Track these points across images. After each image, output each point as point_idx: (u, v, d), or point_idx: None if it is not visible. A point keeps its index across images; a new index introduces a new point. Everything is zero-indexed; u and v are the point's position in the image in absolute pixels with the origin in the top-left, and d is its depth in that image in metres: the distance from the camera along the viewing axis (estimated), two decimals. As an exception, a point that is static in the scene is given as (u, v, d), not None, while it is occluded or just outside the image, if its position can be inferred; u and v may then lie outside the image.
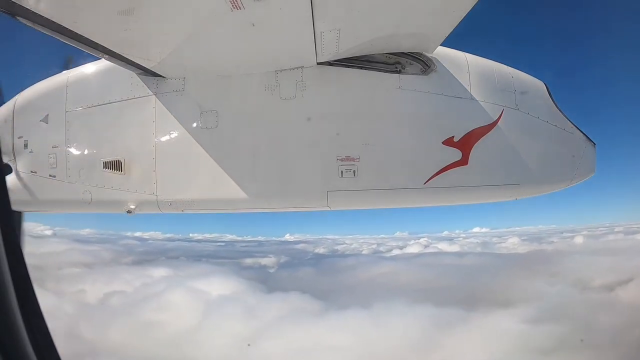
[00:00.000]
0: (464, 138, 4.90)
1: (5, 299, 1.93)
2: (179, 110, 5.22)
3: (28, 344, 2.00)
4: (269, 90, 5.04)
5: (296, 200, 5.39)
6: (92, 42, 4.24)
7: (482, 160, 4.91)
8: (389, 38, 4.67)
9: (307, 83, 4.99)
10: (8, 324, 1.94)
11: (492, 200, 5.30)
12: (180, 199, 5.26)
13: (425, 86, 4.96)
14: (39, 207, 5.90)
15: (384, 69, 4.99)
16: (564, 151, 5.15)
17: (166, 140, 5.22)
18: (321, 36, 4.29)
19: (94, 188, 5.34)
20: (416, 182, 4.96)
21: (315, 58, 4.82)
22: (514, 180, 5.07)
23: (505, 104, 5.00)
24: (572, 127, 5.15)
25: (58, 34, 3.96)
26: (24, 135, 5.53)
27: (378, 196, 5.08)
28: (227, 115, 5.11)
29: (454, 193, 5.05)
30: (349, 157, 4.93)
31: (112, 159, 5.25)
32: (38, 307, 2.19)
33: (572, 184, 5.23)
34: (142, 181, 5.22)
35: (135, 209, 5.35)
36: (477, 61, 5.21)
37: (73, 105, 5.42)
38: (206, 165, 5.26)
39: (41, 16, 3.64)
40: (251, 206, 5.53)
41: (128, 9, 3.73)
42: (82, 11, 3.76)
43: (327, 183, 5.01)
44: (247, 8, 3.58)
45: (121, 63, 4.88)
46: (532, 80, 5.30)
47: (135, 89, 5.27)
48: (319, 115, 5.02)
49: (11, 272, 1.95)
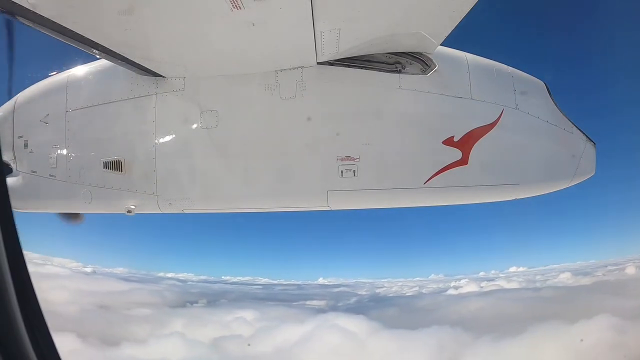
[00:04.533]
0: (464, 138, 4.90)
1: (5, 299, 1.93)
2: (179, 110, 5.22)
3: (28, 344, 2.00)
4: (269, 90, 5.04)
5: (296, 200, 5.40)
6: (92, 42, 4.24)
7: (482, 160, 4.91)
8: (389, 38, 4.67)
9: (307, 83, 4.99)
10: (8, 324, 1.94)
11: (492, 200, 5.30)
12: (180, 199, 5.26)
13: (425, 86, 4.96)
14: (39, 207, 5.90)
15: (384, 69, 4.99)
16: (564, 151, 5.16)
17: (166, 140, 5.22)
18: (321, 36, 4.29)
19: (94, 188, 5.33)
20: (416, 182, 4.96)
21: (315, 58, 4.82)
22: (514, 180, 5.07)
23: (505, 104, 5.00)
24: (572, 127, 5.15)
25: (58, 34, 3.96)
26: (24, 135, 5.53)
27: (378, 196, 5.08)
28: (227, 115, 5.11)
29: (454, 193, 5.05)
30: (349, 156, 4.93)
31: (112, 159, 5.25)
32: (38, 307, 2.19)
33: (571, 183, 5.23)
34: (142, 181, 5.22)
35: (135, 209, 5.35)
36: (477, 61, 5.22)
37: (73, 105, 5.41)
38: (206, 165, 5.27)
39: (41, 16, 3.64)
40: (251, 206, 5.53)
41: (128, 9, 3.73)
42: (82, 11, 3.75)
43: (327, 183, 5.01)
44: (247, 8, 3.58)
45: (121, 63, 4.87)
46: (532, 80, 5.30)
47: (135, 89, 5.27)
48: (319, 115, 5.02)
49: (11, 272, 1.95)
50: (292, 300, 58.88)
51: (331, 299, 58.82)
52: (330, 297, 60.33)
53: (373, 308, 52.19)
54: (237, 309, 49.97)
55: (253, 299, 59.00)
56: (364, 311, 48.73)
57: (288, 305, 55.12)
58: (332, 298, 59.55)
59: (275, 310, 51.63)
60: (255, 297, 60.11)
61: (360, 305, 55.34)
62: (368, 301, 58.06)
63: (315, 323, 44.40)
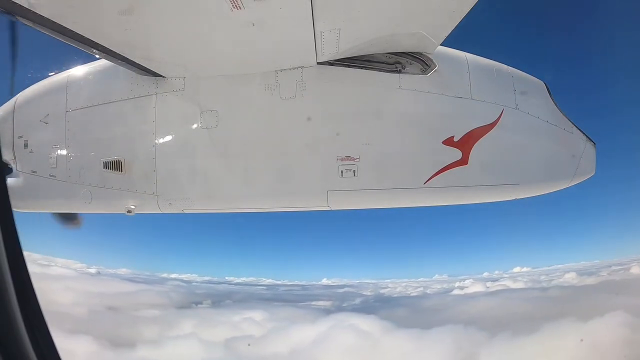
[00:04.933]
0: (464, 138, 4.90)
1: (5, 299, 1.93)
2: (179, 110, 5.22)
3: (28, 344, 2.00)
4: (269, 90, 5.04)
5: (296, 200, 5.40)
6: (92, 42, 4.24)
7: (482, 160, 4.91)
8: (389, 38, 4.67)
9: (307, 83, 4.99)
10: (8, 324, 1.94)
11: (492, 200, 5.30)
12: (180, 199, 5.26)
13: (426, 86, 4.96)
14: (39, 207, 5.90)
15: (384, 69, 4.99)
16: (564, 151, 5.16)
17: (166, 140, 5.22)
18: (321, 36, 4.29)
19: (94, 188, 5.33)
20: (416, 182, 4.96)
21: (315, 58, 4.82)
22: (514, 180, 5.07)
23: (505, 104, 5.00)
24: (572, 127, 5.15)
25: (58, 34, 3.96)
26: (24, 135, 5.53)
27: (378, 196, 5.08)
28: (227, 115, 5.11)
29: (454, 193, 5.05)
30: (349, 156, 4.93)
31: (112, 159, 5.25)
32: (38, 307, 2.19)
33: (571, 183, 5.23)
34: (142, 181, 5.22)
35: (135, 209, 5.35)
36: (477, 61, 5.22)
37: (73, 105, 5.41)
38: (206, 165, 5.27)
39: (41, 16, 3.64)
40: (251, 206, 5.53)
41: (128, 9, 3.73)
42: (82, 11, 3.75)
43: (327, 183, 5.01)
44: (247, 8, 3.58)
45: (121, 63, 4.87)
46: (532, 80, 5.30)
47: (135, 89, 5.27)
48: (319, 115, 5.02)
49: (11, 272, 1.95)
50: (298, 300, 58.41)
51: (337, 299, 58.31)
52: (335, 297, 59.81)
53: (382, 308, 51.70)
54: (245, 310, 49.53)
55: (259, 299, 58.46)
56: (373, 311, 48.37)
57: (295, 305, 54.70)
58: (337, 299, 59.03)
59: (283, 310, 51.20)
60: (261, 298, 59.60)
61: (368, 305, 54.83)
62: (374, 301, 57.56)
63: (329, 323, 43.92)
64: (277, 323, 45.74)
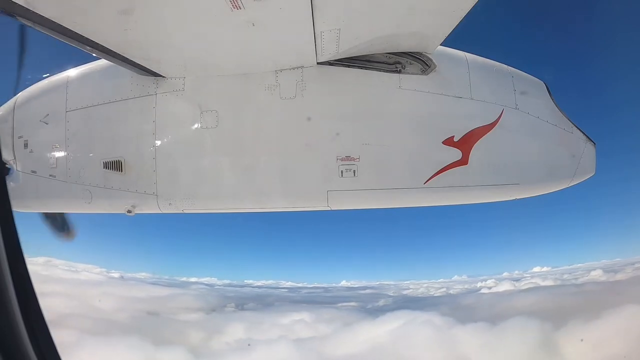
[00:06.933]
0: (464, 138, 4.90)
1: (5, 299, 1.93)
2: (179, 110, 5.22)
3: (28, 344, 2.00)
4: (269, 90, 5.04)
5: (296, 200, 5.39)
6: (92, 42, 4.24)
7: (482, 160, 4.92)
8: (389, 38, 4.67)
9: (307, 83, 4.99)
10: (8, 324, 1.94)
11: (493, 200, 5.31)
12: (180, 199, 5.26)
13: (425, 86, 4.97)
14: (39, 207, 5.90)
15: (384, 69, 4.99)
16: (564, 151, 5.16)
17: (166, 140, 5.22)
18: (321, 36, 4.29)
19: (94, 188, 5.33)
20: (416, 182, 4.96)
21: (315, 58, 4.82)
22: (514, 180, 5.07)
23: (505, 104, 5.00)
24: (572, 127, 5.15)
25: (58, 34, 3.96)
26: (24, 135, 5.52)
27: (378, 196, 5.08)
28: (227, 115, 5.11)
29: (454, 193, 5.05)
30: (349, 156, 4.93)
31: (112, 159, 5.25)
32: (38, 307, 2.19)
33: (571, 183, 5.23)
34: (142, 181, 5.22)
35: (135, 209, 5.35)
36: (477, 61, 5.22)
37: (73, 105, 5.41)
38: (206, 165, 5.27)
39: (41, 16, 3.64)
40: (251, 206, 5.53)
41: (128, 9, 3.73)
42: (82, 11, 3.76)
43: (327, 183, 5.01)
44: (247, 8, 3.58)
45: (121, 63, 4.87)
46: (532, 80, 5.30)
47: (135, 89, 5.27)
48: (319, 115, 5.02)
49: (11, 272, 1.95)
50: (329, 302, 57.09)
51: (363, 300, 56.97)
52: (362, 299, 58.45)
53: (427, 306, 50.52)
54: (288, 312, 48.28)
55: (291, 302, 57.12)
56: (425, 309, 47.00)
57: (332, 307, 53.45)
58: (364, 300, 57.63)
59: (326, 312, 49.72)
60: (292, 300, 58.35)
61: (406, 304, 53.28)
62: (404, 301, 56.26)
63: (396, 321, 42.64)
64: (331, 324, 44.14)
